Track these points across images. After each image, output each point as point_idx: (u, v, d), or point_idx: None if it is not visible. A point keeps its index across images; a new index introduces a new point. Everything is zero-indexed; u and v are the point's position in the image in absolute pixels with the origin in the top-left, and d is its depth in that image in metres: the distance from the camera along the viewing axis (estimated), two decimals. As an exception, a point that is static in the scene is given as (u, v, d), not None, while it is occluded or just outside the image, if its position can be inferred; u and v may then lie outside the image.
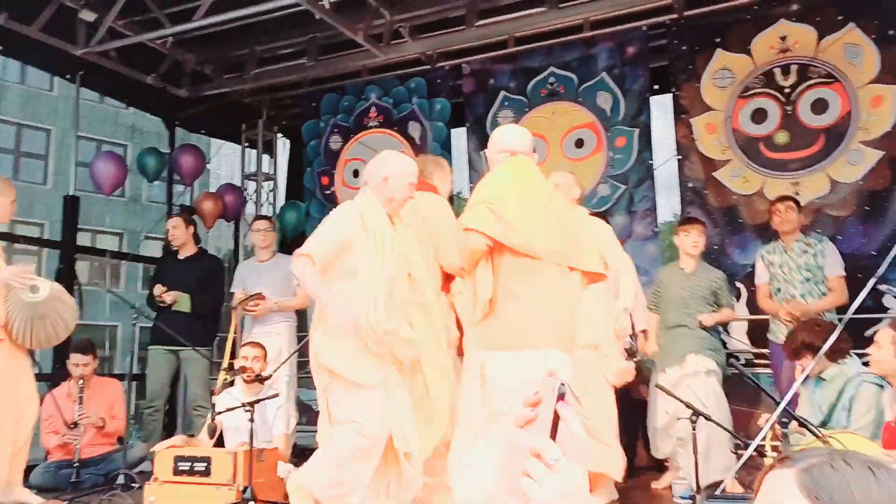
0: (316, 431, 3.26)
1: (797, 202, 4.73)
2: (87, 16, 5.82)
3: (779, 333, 4.53)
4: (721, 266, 5.62)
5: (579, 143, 6.20)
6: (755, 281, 4.85)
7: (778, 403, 2.62)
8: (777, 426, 3.21)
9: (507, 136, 3.13)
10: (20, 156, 19.74)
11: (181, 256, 5.60)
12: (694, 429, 3.46)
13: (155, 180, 7.27)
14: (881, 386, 3.52)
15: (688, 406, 3.36)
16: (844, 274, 4.49)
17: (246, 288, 5.37)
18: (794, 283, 4.54)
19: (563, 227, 2.96)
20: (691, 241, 4.56)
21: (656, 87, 6.34)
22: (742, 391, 5.34)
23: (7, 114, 18.99)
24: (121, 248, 20.09)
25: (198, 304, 5.38)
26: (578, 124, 6.22)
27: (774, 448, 3.21)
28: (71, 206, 6.20)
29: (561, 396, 0.81)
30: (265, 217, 5.79)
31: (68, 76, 6.30)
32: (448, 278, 3.37)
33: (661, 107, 6.35)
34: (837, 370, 3.63)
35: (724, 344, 4.93)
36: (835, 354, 3.59)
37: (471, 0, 5.98)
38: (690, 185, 5.85)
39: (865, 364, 3.52)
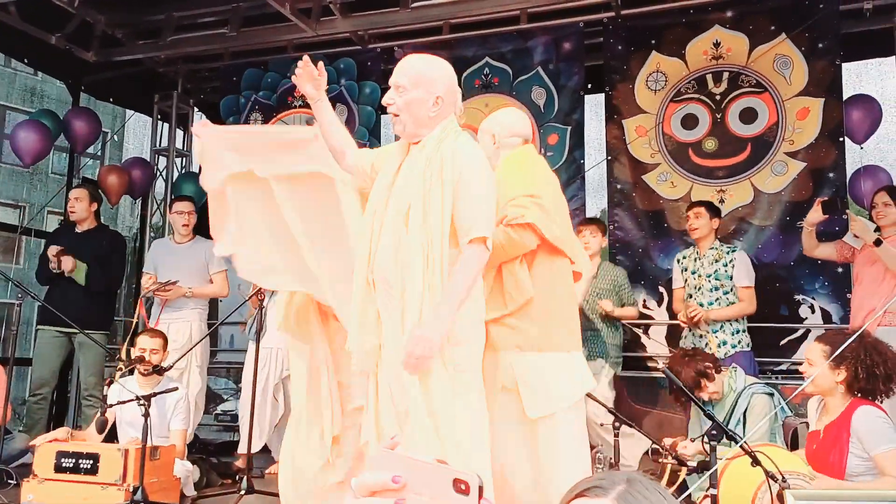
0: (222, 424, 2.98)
1: (713, 209, 4.72)
2: (-16, -38, 5.29)
3: (690, 339, 4.53)
4: (644, 269, 5.64)
5: (510, 138, 6.06)
6: (672, 285, 4.85)
7: (708, 416, 2.53)
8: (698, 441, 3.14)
9: (520, 121, 2.99)
10: None
11: (79, 230, 5.15)
12: (617, 435, 3.36)
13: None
14: (771, 394, 3.59)
15: (612, 412, 3.25)
16: (752, 285, 4.51)
17: (157, 270, 5.01)
18: (703, 291, 4.53)
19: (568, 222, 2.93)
20: (583, 241, 4.49)
21: (590, 85, 6.26)
22: (643, 392, 5.39)
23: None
24: (21, 222, 18.90)
25: (93, 278, 4.94)
26: (510, 118, 6.07)
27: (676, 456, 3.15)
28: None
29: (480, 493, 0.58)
30: (187, 198, 5.37)
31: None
32: None
33: (594, 106, 6.29)
34: (726, 386, 3.63)
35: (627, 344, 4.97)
36: (719, 370, 3.62)
37: (404, -19, 5.75)
38: (619, 186, 5.81)
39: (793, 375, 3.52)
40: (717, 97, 5.62)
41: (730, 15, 5.60)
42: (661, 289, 5.55)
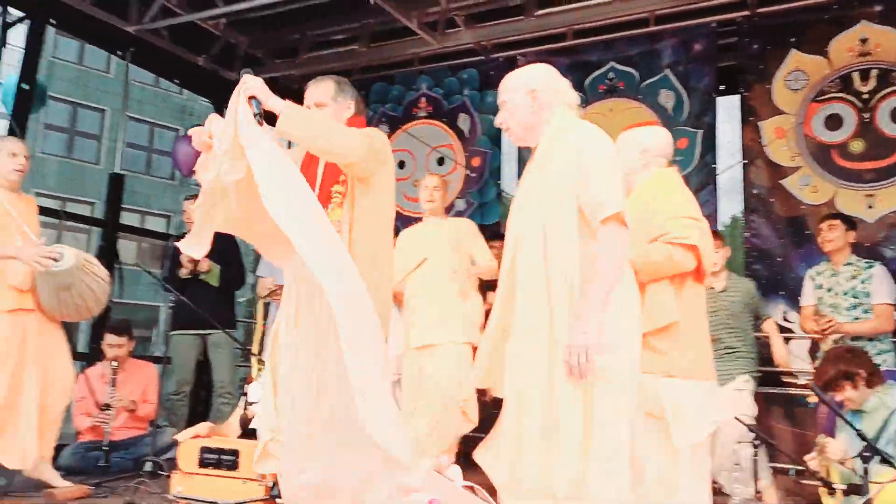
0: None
1: (848, 221, 4.39)
2: (141, -8, 5.76)
3: None
4: (784, 280, 5.33)
5: (638, 143, 5.91)
6: (800, 301, 4.53)
7: (860, 435, 2.36)
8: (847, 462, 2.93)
9: (670, 143, 2.96)
10: (75, 134, 20.08)
11: None
12: (756, 455, 3.20)
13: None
14: None
15: (756, 433, 3.09)
16: (892, 303, 4.16)
17: (272, 273, 5.23)
18: (841, 310, 4.22)
19: None
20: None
21: (722, 87, 6.01)
22: (788, 410, 5.07)
23: (63, 93, 19.32)
24: (168, 230, 20.36)
25: (226, 278, 5.22)
26: (638, 122, 5.85)
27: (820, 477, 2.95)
28: (115, 184, 6.15)
29: None
30: None
31: (119, 53, 6.24)
32: None
33: (727, 108, 6.04)
34: (878, 401, 3.33)
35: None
36: (872, 383, 3.33)
37: (530, -11, 5.75)
38: (755, 191, 5.53)
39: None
40: (865, 96, 5.25)
41: (878, 9, 5.22)
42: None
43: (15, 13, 5.55)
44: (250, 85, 2.34)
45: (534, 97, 2.43)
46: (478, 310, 4.38)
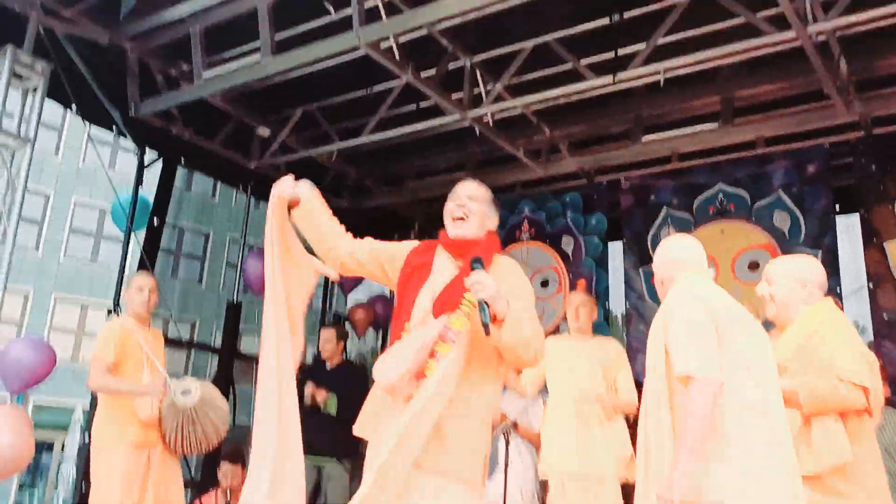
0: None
1: None
2: (263, 132, 6.15)
3: None
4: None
5: (753, 266, 5.73)
6: None
7: None
8: None
9: (820, 271, 2.93)
10: (180, 256, 21.15)
11: (329, 367, 5.55)
12: None
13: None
14: None
15: None
16: None
17: None
18: None
19: None
20: None
21: (837, 206, 5.82)
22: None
23: (170, 217, 20.49)
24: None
25: (344, 407, 5.24)
26: (752, 244, 5.78)
27: None
28: (233, 312, 6.39)
29: None
30: None
31: (241, 186, 6.62)
32: None
33: (847, 228, 5.82)
34: None
35: None
36: None
37: (636, 115, 5.82)
38: (885, 316, 5.23)
39: None
40: None
41: None
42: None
43: (151, 154, 6.02)
44: (488, 288, 2.26)
45: None
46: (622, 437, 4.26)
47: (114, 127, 5.63)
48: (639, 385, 4.12)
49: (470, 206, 2.58)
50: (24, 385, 4.80)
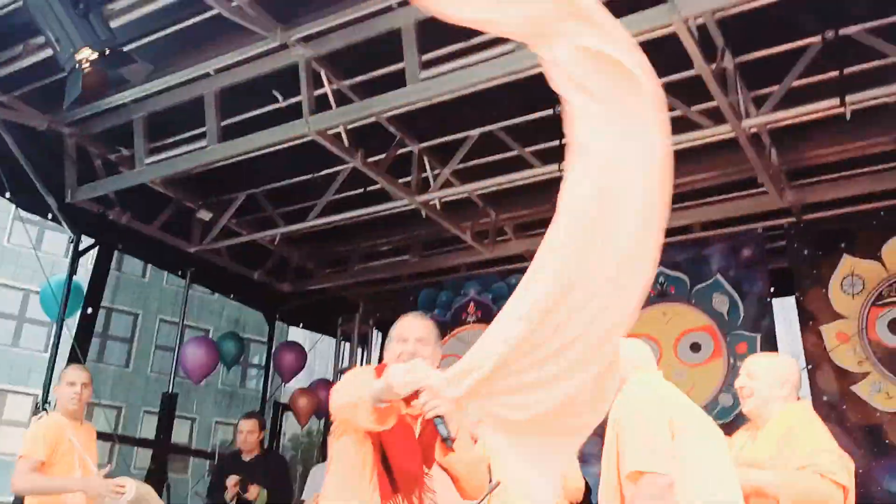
0: None
1: None
2: (204, 215, 6.02)
3: None
4: (871, 495, 4.99)
5: (695, 347, 5.83)
6: None
7: None
8: None
9: (798, 372, 2.97)
10: (107, 339, 20.26)
11: (246, 458, 5.24)
12: None
13: (232, 366, 7.19)
14: None
15: None
16: None
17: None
18: None
19: None
20: None
21: (773, 289, 6.00)
22: None
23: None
24: (212, 439, 19.91)
25: (274, 502, 4.97)
26: (694, 327, 5.89)
27: None
28: (168, 403, 6.09)
29: None
30: None
31: (179, 272, 6.44)
32: None
33: (785, 310, 5.99)
34: None
35: None
36: None
37: (578, 202, 5.93)
38: (825, 398, 5.34)
39: None
40: (927, 298, 5.21)
41: (927, 213, 5.31)
42: (894, 516, 4.87)
43: (87, 240, 5.80)
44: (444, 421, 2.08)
45: None
46: None
47: (49, 214, 5.42)
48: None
49: (422, 352, 2.40)
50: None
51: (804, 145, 5.07)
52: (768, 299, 5.75)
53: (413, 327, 2.47)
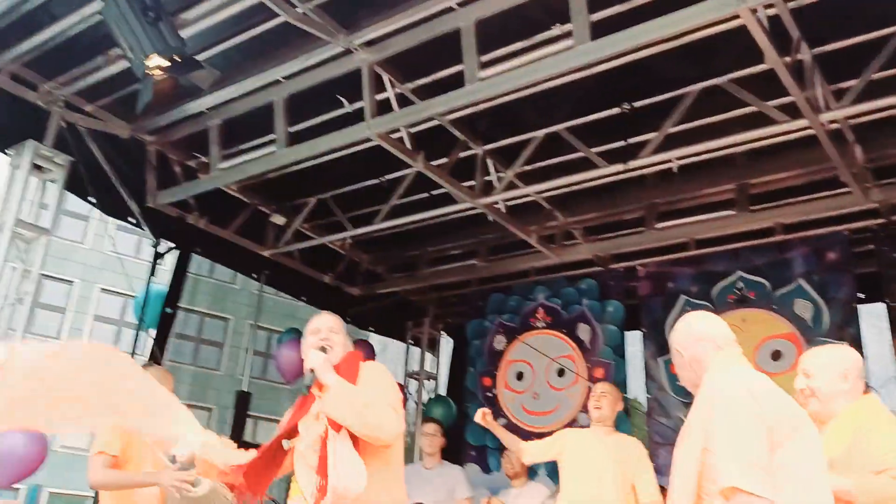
0: None
1: None
2: (278, 220, 6.19)
3: None
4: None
5: (776, 356, 5.55)
6: None
7: None
8: None
9: (861, 361, 2.70)
10: (200, 343, 21.19)
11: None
12: None
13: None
14: None
15: None
16: None
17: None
18: None
19: None
20: None
21: (861, 295, 5.66)
22: None
23: (195, 304, 20.62)
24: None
25: None
26: (775, 334, 5.61)
27: None
28: (242, 401, 6.27)
29: None
30: (434, 420, 5.51)
31: (254, 275, 6.63)
32: None
33: (873, 317, 5.64)
34: None
35: None
36: None
37: (650, 202, 5.78)
38: (918, 410, 4.99)
39: None
40: None
41: None
42: None
43: (166, 244, 6.06)
44: (312, 360, 2.68)
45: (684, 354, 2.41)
46: None
47: (130, 218, 5.68)
48: (662, 487, 3.93)
49: (333, 339, 2.86)
50: (16, 477, 4.68)
51: (892, 141, 4.78)
52: (854, 305, 5.42)
53: (323, 320, 2.97)
